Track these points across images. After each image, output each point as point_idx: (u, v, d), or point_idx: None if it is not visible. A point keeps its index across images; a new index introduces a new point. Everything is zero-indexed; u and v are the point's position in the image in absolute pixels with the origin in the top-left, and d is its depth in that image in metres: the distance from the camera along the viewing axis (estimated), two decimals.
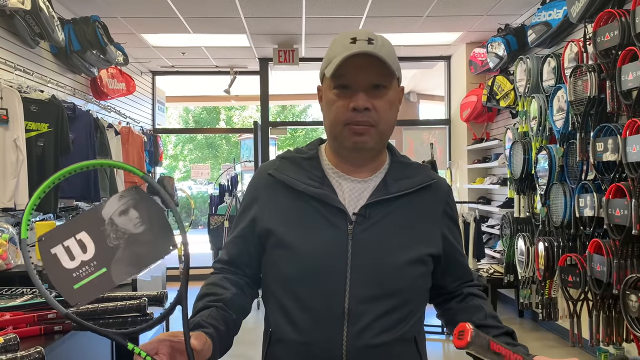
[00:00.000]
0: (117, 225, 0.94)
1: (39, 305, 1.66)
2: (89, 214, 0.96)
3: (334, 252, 1.12)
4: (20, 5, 3.53)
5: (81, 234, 0.92)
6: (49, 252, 0.91)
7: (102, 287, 0.92)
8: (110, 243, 0.93)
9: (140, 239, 0.94)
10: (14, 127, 3.57)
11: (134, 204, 0.95)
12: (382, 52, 1.10)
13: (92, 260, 0.92)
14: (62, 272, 0.90)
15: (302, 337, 1.12)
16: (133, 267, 0.93)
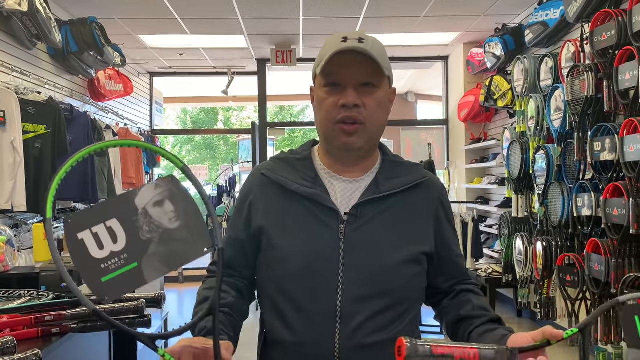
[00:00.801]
0: (151, 217, 0.87)
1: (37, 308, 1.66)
2: (121, 200, 0.89)
3: (326, 252, 1.13)
4: (18, 7, 3.52)
5: (112, 221, 0.85)
6: (75, 236, 0.83)
7: (132, 284, 0.85)
8: (143, 236, 0.87)
9: (174, 236, 0.87)
10: (11, 129, 3.57)
11: (170, 196, 0.89)
12: (372, 51, 1.11)
13: (123, 252, 0.85)
14: (89, 262, 0.83)
15: (295, 338, 1.13)
16: (165, 266, 0.87)
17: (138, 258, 0.86)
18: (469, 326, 1.15)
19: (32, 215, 4.03)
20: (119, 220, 0.86)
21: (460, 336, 1.17)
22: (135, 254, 0.85)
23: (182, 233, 0.88)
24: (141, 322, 1.59)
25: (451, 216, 1.27)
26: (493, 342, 1.03)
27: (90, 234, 0.84)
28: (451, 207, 1.29)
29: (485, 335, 1.09)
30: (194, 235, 0.89)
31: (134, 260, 0.85)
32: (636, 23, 3.08)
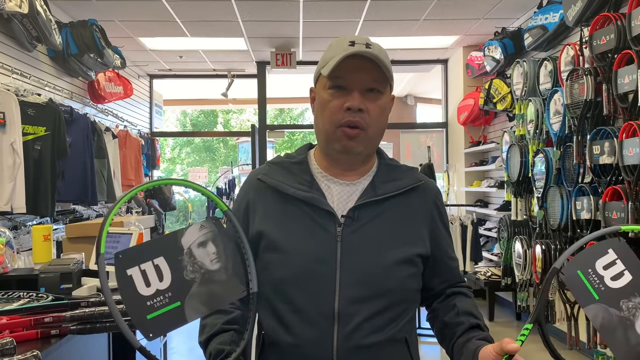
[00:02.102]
0: (195, 258, 0.91)
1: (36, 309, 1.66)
2: (168, 239, 0.92)
3: (323, 255, 1.13)
4: (18, 9, 3.53)
5: (159, 260, 0.89)
6: (124, 272, 0.87)
7: (174, 323, 0.88)
8: (187, 276, 0.90)
9: (214, 277, 0.91)
10: (11, 131, 3.57)
11: (212, 237, 0.93)
12: (380, 57, 1.12)
13: (168, 290, 0.88)
14: (136, 298, 0.86)
15: (293, 339, 1.13)
16: (205, 307, 0.90)
17: (181, 297, 0.89)
18: (452, 336, 1.17)
19: (31, 217, 4.03)
20: (165, 259, 0.89)
21: (446, 345, 1.20)
22: (178, 293, 0.88)
23: (221, 275, 0.92)
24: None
25: (446, 219, 1.28)
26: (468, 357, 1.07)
27: (139, 271, 0.88)
28: (446, 211, 1.29)
29: (463, 349, 1.12)
30: (231, 277, 0.93)
31: (177, 299, 0.88)
32: (635, 27, 3.09)
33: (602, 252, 0.95)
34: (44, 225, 3.27)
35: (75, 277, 2.20)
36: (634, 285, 0.93)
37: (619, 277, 0.93)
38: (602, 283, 0.93)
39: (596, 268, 0.94)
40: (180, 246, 0.91)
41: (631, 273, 0.94)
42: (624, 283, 0.93)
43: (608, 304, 0.92)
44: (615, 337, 0.91)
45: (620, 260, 0.94)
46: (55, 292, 2.02)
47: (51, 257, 2.68)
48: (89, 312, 1.56)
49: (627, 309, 0.92)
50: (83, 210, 5.05)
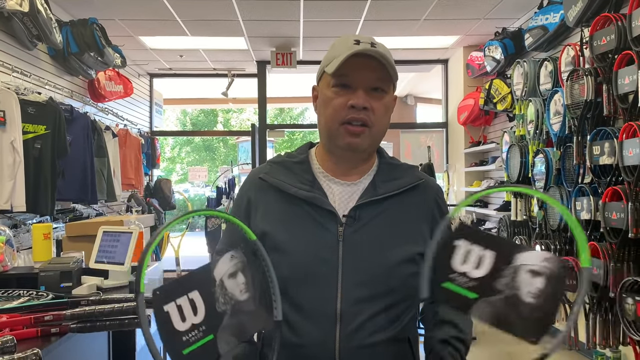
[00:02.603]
0: (226, 289, 0.92)
1: (36, 307, 1.66)
2: (202, 272, 0.93)
3: (325, 254, 1.14)
4: (18, 7, 3.53)
5: (193, 294, 0.90)
6: (162, 309, 0.88)
7: (208, 356, 0.89)
8: (219, 308, 0.91)
9: (244, 308, 0.92)
10: (11, 129, 3.57)
11: (242, 268, 0.95)
12: (384, 57, 1.13)
13: (202, 324, 0.89)
14: (173, 334, 0.87)
15: (295, 339, 1.13)
16: (235, 337, 0.92)
17: (214, 330, 0.90)
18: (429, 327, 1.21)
19: (31, 215, 4.03)
20: (200, 293, 0.90)
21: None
22: (211, 326, 0.90)
23: (250, 305, 0.93)
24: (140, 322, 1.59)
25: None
26: None
27: (175, 306, 0.89)
28: (447, 208, 1.29)
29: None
30: (259, 306, 0.94)
31: (210, 332, 0.90)
32: (635, 27, 3.09)
33: (450, 249, 0.90)
34: (44, 223, 3.28)
35: (75, 275, 2.21)
36: (499, 259, 0.88)
37: (481, 262, 0.89)
38: (469, 279, 0.89)
39: (455, 268, 0.89)
40: (213, 278, 0.92)
41: (490, 249, 0.88)
42: (489, 264, 0.88)
43: (486, 295, 0.87)
44: (513, 321, 0.87)
45: (472, 243, 0.89)
46: (55, 291, 2.02)
47: (51, 256, 2.69)
48: (89, 311, 1.56)
49: (505, 286, 0.87)
50: (83, 209, 5.05)
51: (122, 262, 2.28)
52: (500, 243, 0.90)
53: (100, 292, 2.13)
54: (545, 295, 0.85)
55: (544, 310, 0.85)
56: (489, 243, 0.89)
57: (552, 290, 0.85)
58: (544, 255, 0.86)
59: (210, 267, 0.93)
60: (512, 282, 0.86)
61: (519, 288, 0.86)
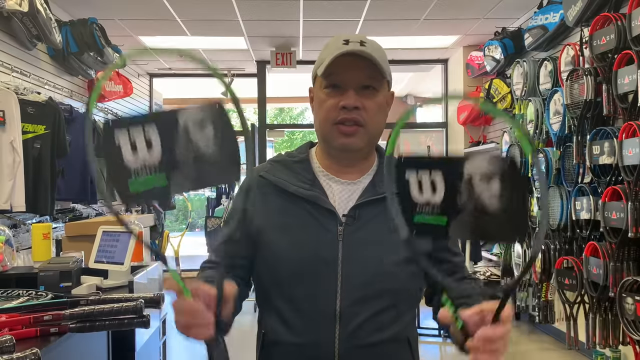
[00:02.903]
0: (189, 136, 0.86)
1: (35, 307, 1.66)
2: (167, 114, 0.87)
3: (325, 254, 1.13)
4: (18, 7, 3.53)
5: (151, 127, 0.85)
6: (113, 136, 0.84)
7: (156, 195, 0.86)
8: (178, 150, 0.85)
9: (207, 160, 0.86)
10: (10, 129, 3.57)
11: (213, 121, 0.87)
12: (374, 54, 1.12)
13: (154, 162, 0.85)
14: (120, 167, 0.83)
15: (294, 339, 1.13)
16: (191, 183, 0.87)
17: (167, 171, 0.85)
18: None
19: (30, 215, 4.03)
20: (158, 129, 0.85)
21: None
22: (165, 167, 0.85)
23: (215, 159, 0.86)
24: (140, 322, 1.60)
25: None
26: None
27: (127, 137, 0.84)
28: None
29: None
30: (226, 164, 0.87)
31: (162, 171, 0.85)
32: (635, 27, 3.09)
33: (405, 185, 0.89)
34: (43, 223, 3.28)
35: (74, 275, 2.20)
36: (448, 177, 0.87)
37: (435, 185, 0.88)
38: (434, 205, 0.88)
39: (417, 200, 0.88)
40: (176, 120, 0.86)
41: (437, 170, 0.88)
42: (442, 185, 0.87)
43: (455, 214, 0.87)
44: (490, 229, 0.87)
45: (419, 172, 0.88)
46: (55, 291, 2.02)
47: (50, 256, 2.69)
48: (88, 310, 1.56)
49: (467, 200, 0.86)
50: (82, 208, 5.05)
51: (121, 262, 2.28)
52: (443, 161, 0.90)
53: (99, 292, 2.13)
54: (507, 193, 0.85)
55: (512, 207, 0.85)
56: (433, 165, 0.88)
57: (509, 185, 0.85)
58: (487, 157, 0.87)
59: (177, 111, 0.86)
60: (471, 194, 0.86)
61: (479, 197, 0.85)
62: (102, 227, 2.44)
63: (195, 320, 0.90)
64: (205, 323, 0.91)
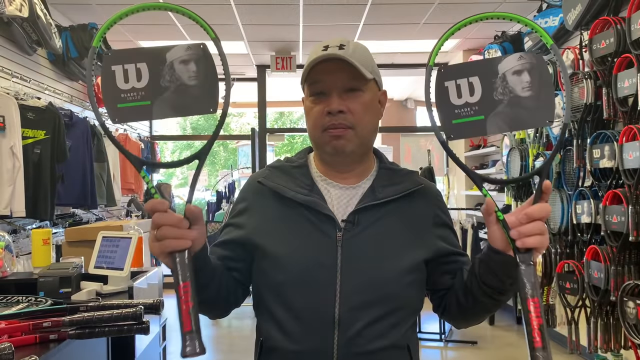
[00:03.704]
0: (175, 71, 0.98)
1: (35, 314, 1.65)
2: (155, 51, 1.00)
3: (323, 260, 1.12)
4: (18, 13, 3.53)
5: (141, 65, 0.98)
6: (109, 67, 0.98)
7: (140, 115, 0.99)
8: (163, 83, 0.97)
9: (188, 91, 0.98)
10: (10, 134, 3.57)
11: (196, 60, 0.99)
12: (353, 57, 1.11)
13: (142, 90, 0.97)
14: (112, 89, 0.97)
15: (293, 346, 1.12)
16: (173, 110, 0.98)
17: (152, 98, 0.97)
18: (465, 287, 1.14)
19: (30, 220, 4.02)
20: (147, 65, 0.98)
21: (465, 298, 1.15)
22: (150, 94, 0.97)
23: (195, 91, 0.98)
24: (139, 329, 1.59)
25: (449, 220, 1.26)
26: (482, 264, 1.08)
27: (122, 69, 0.98)
28: (448, 213, 1.27)
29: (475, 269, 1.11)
30: (205, 95, 0.99)
31: (148, 99, 0.97)
32: (635, 31, 3.09)
33: (444, 92, 1.00)
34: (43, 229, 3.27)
35: (74, 281, 2.20)
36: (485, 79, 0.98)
37: (472, 88, 0.99)
38: (471, 106, 0.99)
39: (454, 103, 0.99)
40: (164, 58, 0.98)
41: (473, 75, 0.99)
42: (479, 87, 0.98)
43: (491, 109, 0.98)
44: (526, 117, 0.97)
45: (458, 79, 1.00)
46: (54, 297, 2.02)
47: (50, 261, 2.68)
48: (88, 317, 1.56)
49: (502, 94, 0.98)
50: (82, 214, 5.04)
51: (121, 268, 2.27)
52: (480, 65, 1.01)
53: (99, 298, 2.12)
54: (537, 82, 0.97)
55: (542, 93, 0.97)
56: (471, 71, 1.00)
57: (538, 76, 0.97)
58: (516, 55, 0.99)
59: (164, 50, 0.99)
60: (506, 89, 0.98)
61: (514, 90, 0.97)
62: (102, 233, 2.44)
63: (177, 230, 0.96)
64: (185, 233, 0.97)
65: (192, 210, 0.99)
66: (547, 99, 0.97)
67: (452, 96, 0.99)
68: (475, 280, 1.10)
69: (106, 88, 0.98)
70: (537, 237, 0.94)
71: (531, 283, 0.92)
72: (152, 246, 0.98)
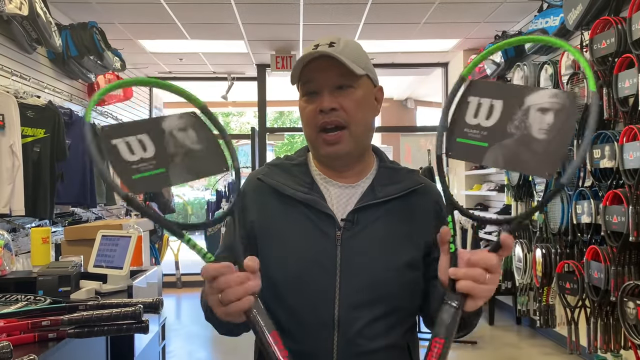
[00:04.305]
0: (177, 138, 0.96)
1: (34, 313, 1.65)
2: (150, 122, 0.98)
3: (322, 259, 1.12)
4: (18, 11, 3.52)
5: (142, 136, 0.94)
6: (109, 142, 0.92)
7: (160, 184, 0.95)
8: (170, 150, 0.95)
9: (197, 154, 0.97)
10: (10, 133, 3.56)
11: (192, 126, 0.98)
12: (342, 54, 1.10)
13: (152, 159, 0.93)
14: (122, 162, 0.92)
15: (292, 346, 1.11)
16: (190, 175, 0.96)
17: (165, 165, 0.95)
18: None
19: (30, 219, 4.02)
20: (148, 136, 0.95)
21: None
22: (162, 162, 0.94)
23: (203, 154, 0.98)
24: (139, 328, 1.59)
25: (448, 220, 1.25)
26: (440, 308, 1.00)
27: (123, 142, 0.93)
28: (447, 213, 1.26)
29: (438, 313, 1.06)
30: (213, 157, 0.98)
31: (161, 166, 0.94)
32: (635, 31, 3.09)
33: (464, 106, 0.94)
34: (42, 227, 3.27)
35: (73, 280, 2.19)
36: (508, 106, 0.90)
37: (490, 111, 0.92)
38: (481, 130, 0.92)
39: (468, 122, 0.93)
40: (162, 129, 0.96)
41: (499, 98, 0.92)
42: (498, 112, 0.91)
43: (498, 140, 0.90)
44: (526, 159, 0.89)
45: (482, 97, 0.93)
46: (54, 295, 2.01)
47: (50, 260, 2.68)
48: (87, 316, 1.55)
49: (516, 128, 0.89)
50: (82, 212, 5.04)
51: (120, 267, 2.27)
52: (510, 90, 0.94)
53: (98, 297, 2.12)
54: (557, 129, 0.86)
55: (556, 142, 0.87)
56: (498, 92, 0.92)
57: (562, 122, 0.86)
58: (552, 92, 0.88)
59: (158, 120, 0.96)
60: (523, 123, 0.89)
61: (530, 127, 0.88)
62: (101, 232, 2.44)
63: (242, 288, 0.90)
64: (249, 289, 0.91)
65: (250, 266, 0.93)
66: (558, 150, 0.87)
67: (468, 114, 0.93)
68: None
69: (115, 164, 0.92)
70: (468, 283, 0.90)
71: (444, 323, 0.89)
72: (218, 311, 0.93)
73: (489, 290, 0.92)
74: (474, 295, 0.91)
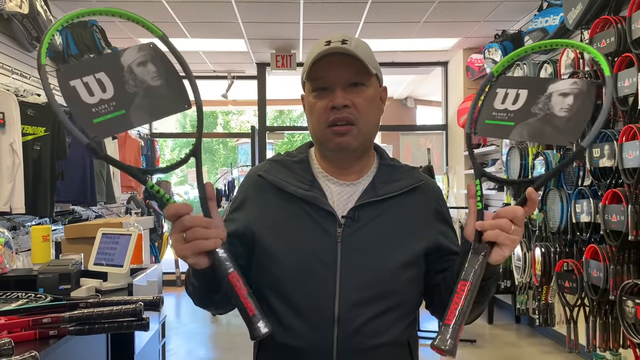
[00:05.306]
0: (136, 74, 0.95)
1: (34, 310, 1.65)
2: (107, 58, 0.97)
3: (323, 255, 1.12)
4: (18, 9, 3.53)
5: (100, 74, 0.93)
6: (67, 83, 0.91)
7: (120, 127, 0.94)
8: (129, 89, 0.94)
9: (157, 92, 0.95)
10: (10, 131, 3.57)
11: (152, 59, 0.97)
12: (356, 50, 1.11)
13: (111, 100, 0.92)
14: (81, 106, 0.91)
15: (292, 342, 1.12)
16: (149, 115, 0.95)
17: (125, 106, 0.93)
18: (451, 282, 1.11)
19: (30, 217, 4.02)
20: (106, 74, 0.93)
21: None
22: (122, 103, 0.93)
23: (163, 91, 0.96)
24: (139, 325, 1.59)
25: (449, 218, 1.26)
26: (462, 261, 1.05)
27: (81, 82, 0.92)
28: (448, 211, 1.28)
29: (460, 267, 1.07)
30: (174, 93, 0.96)
31: (122, 108, 0.93)
32: (635, 30, 3.09)
33: (493, 96, 1.07)
34: (43, 225, 3.27)
35: (73, 277, 2.20)
36: (532, 94, 1.04)
37: (517, 98, 1.05)
38: (507, 112, 1.05)
39: (496, 107, 1.06)
40: (120, 64, 0.94)
41: (524, 88, 1.05)
42: (524, 98, 1.04)
43: (524, 119, 1.03)
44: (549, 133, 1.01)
45: (509, 88, 1.06)
46: (54, 293, 2.02)
47: (50, 258, 2.68)
48: (88, 313, 1.56)
49: (540, 109, 1.02)
50: (82, 211, 5.04)
51: (120, 265, 2.27)
52: (533, 81, 1.08)
53: (99, 295, 2.12)
54: (577, 107, 1.01)
55: (576, 118, 1.01)
56: (524, 84, 1.06)
57: (582, 101, 1.01)
58: (573, 80, 1.04)
59: (116, 55, 0.95)
60: (546, 105, 1.02)
61: (552, 107, 1.02)
62: (101, 230, 2.44)
63: (208, 230, 0.97)
64: (218, 232, 0.98)
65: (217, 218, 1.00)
66: (578, 124, 1.00)
67: (496, 101, 1.05)
68: (452, 275, 1.11)
69: (73, 106, 0.91)
70: (495, 232, 0.98)
71: (472, 268, 0.97)
72: (181, 249, 0.97)
73: (514, 240, 0.98)
74: (499, 243, 0.98)
